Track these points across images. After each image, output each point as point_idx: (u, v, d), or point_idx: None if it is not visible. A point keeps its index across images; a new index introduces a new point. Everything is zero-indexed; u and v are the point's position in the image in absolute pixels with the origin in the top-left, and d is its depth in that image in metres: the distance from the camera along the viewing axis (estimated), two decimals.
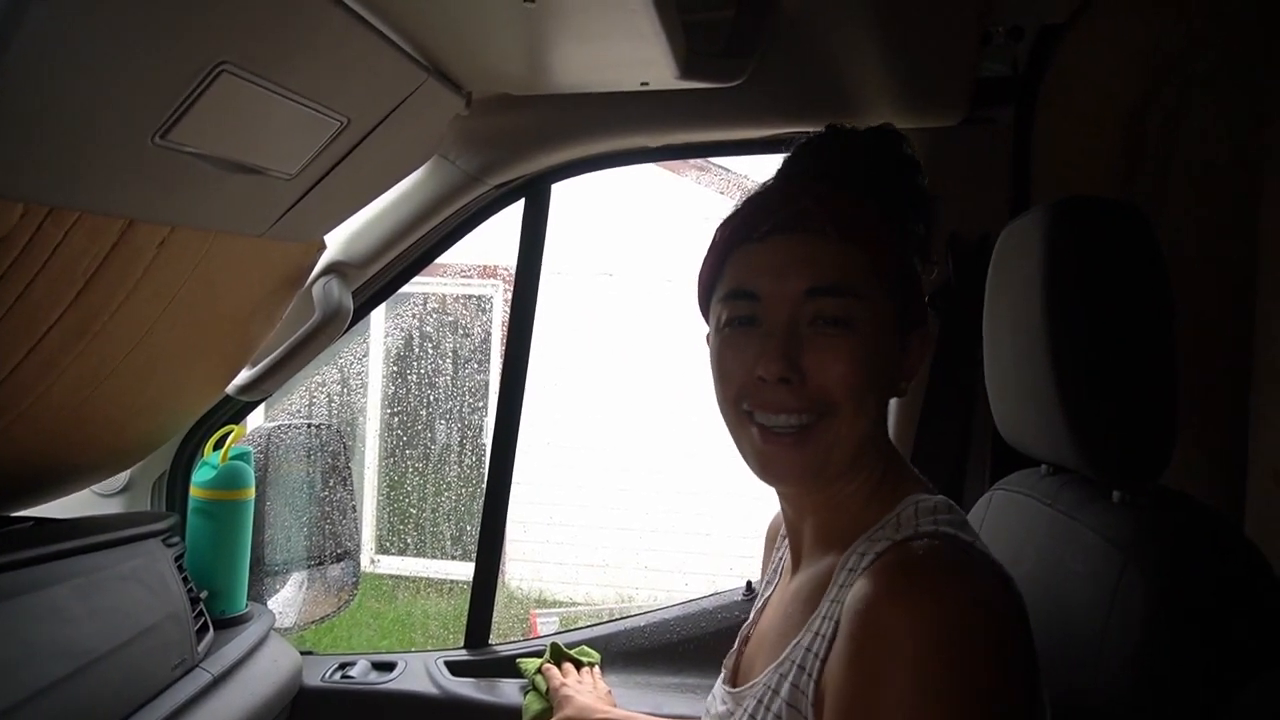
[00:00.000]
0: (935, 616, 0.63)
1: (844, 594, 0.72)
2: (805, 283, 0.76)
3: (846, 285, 0.75)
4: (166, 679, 1.16)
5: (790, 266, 0.77)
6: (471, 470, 5.22)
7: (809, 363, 0.75)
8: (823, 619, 0.75)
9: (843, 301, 0.75)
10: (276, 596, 1.66)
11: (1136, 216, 0.83)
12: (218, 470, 1.46)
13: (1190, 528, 0.80)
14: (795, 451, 0.76)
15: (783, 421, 0.76)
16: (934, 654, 0.61)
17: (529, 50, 1.06)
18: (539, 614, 4.94)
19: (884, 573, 0.68)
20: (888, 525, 0.76)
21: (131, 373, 1.12)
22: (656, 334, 5.20)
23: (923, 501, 0.77)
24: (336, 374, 5.14)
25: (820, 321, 0.76)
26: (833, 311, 0.75)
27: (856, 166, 0.83)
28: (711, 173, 5.17)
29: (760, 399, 0.77)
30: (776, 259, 0.77)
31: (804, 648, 0.75)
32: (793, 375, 0.75)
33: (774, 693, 0.77)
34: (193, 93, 0.75)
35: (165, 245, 0.97)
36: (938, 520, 0.74)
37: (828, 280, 0.75)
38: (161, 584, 1.22)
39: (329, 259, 1.43)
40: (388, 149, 1.11)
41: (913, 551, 0.70)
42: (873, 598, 0.66)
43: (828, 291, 0.75)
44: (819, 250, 0.76)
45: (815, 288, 0.75)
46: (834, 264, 0.76)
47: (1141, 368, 0.82)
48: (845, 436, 0.76)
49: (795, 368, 0.75)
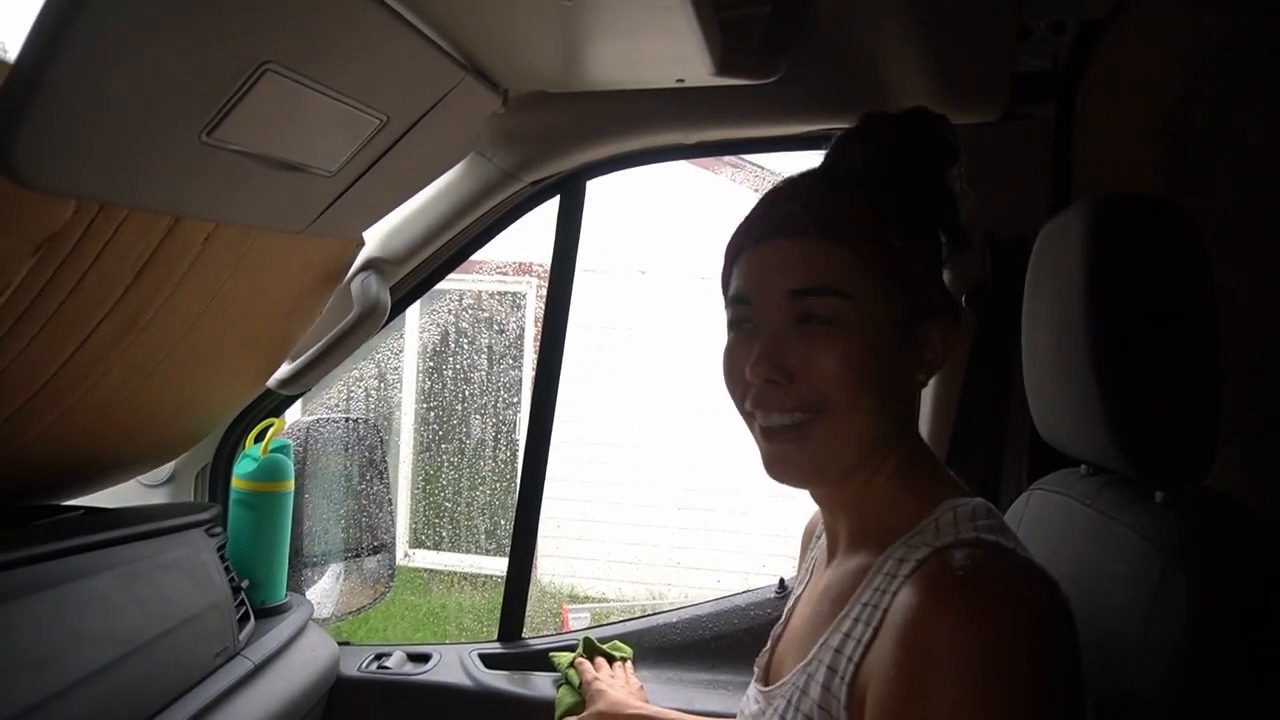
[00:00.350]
0: (981, 628, 0.63)
1: (881, 599, 0.72)
2: (789, 284, 0.77)
3: (830, 286, 0.76)
4: (209, 666, 1.19)
5: (775, 270, 0.78)
6: (505, 466, 5.26)
7: (797, 362, 0.76)
8: (854, 620, 0.74)
9: (826, 301, 0.76)
10: (314, 587, 1.68)
11: (1181, 213, 0.82)
12: (258, 462, 1.49)
13: (1234, 529, 0.78)
14: (795, 448, 0.78)
15: (776, 421, 0.78)
16: (980, 666, 0.61)
17: (565, 48, 1.07)
18: (571, 609, 4.97)
19: (928, 582, 0.68)
20: (926, 530, 0.75)
21: (176, 367, 1.15)
22: (690, 331, 5.20)
23: (961, 506, 0.76)
24: (373, 369, 5.20)
25: (807, 321, 0.77)
26: (817, 310, 0.76)
27: (857, 161, 0.83)
28: (746, 170, 5.15)
29: (756, 399, 0.79)
30: (765, 263, 0.79)
31: (832, 648, 0.75)
32: (779, 376, 0.77)
33: (802, 692, 0.76)
34: (238, 91, 0.77)
35: (209, 241, 0.99)
36: (978, 526, 0.73)
37: (810, 282, 0.76)
38: (204, 573, 1.25)
39: (367, 255, 1.45)
40: (425, 146, 1.13)
41: (956, 560, 0.69)
42: (918, 609, 0.66)
43: (810, 292, 0.76)
44: (802, 252, 0.77)
45: (798, 289, 0.77)
46: (817, 265, 0.77)
47: (1184, 367, 0.81)
48: (843, 432, 0.77)
49: (780, 369, 0.77)
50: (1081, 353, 0.84)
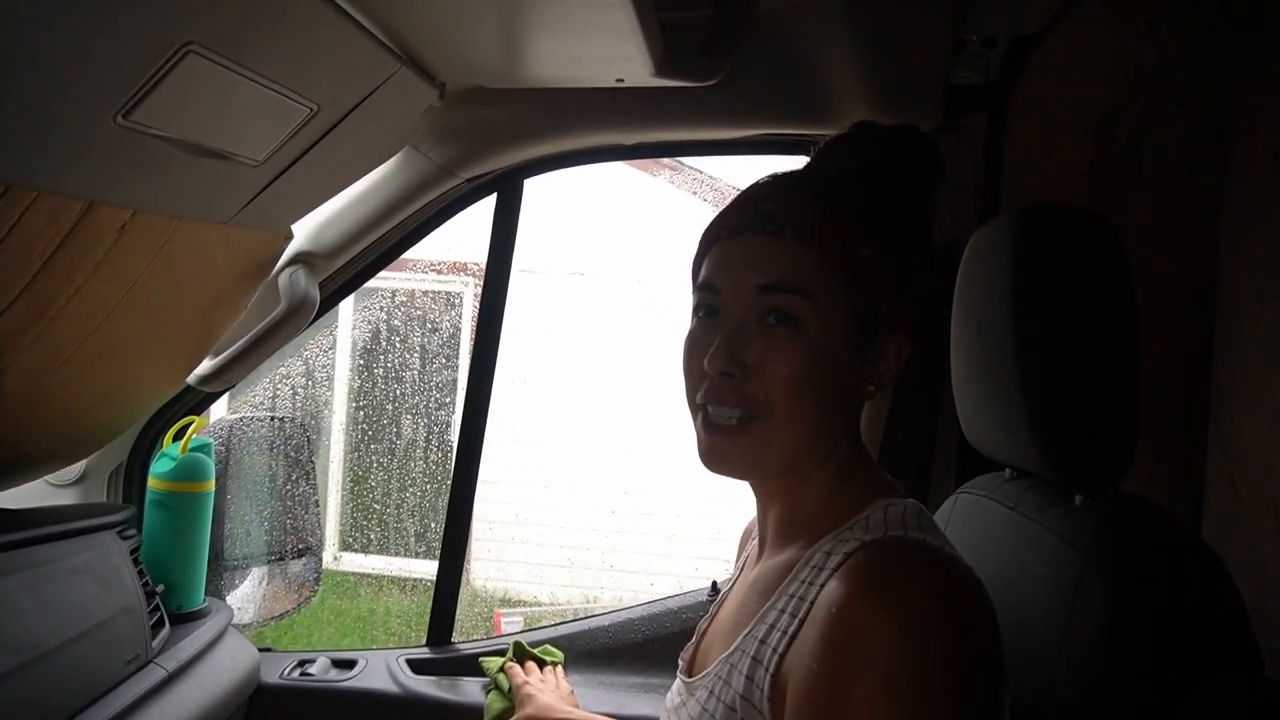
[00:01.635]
0: (903, 622, 0.64)
1: (807, 590, 0.73)
2: (758, 278, 0.78)
3: (797, 284, 0.77)
4: (119, 675, 1.13)
5: (746, 263, 0.79)
6: (437, 467, 5.18)
7: (754, 359, 0.77)
8: (779, 612, 0.75)
9: (791, 299, 0.77)
10: (236, 592, 1.63)
11: (1104, 224, 0.84)
12: (177, 462, 1.43)
13: (1149, 533, 0.81)
14: (731, 443, 0.79)
15: (724, 413, 0.79)
16: (901, 659, 0.62)
17: (504, 43, 1.05)
18: (503, 613, 4.92)
19: (853, 575, 0.69)
20: (856, 526, 0.76)
21: (88, 360, 1.10)
22: (626, 334, 5.19)
23: (892, 506, 0.77)
24: (303, 367, 5.07)
25: (769, 318, 0.78)
26: (782, 306, 0.77)
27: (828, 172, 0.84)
28: (684, 173, 5.17)
29: (707, 389, 0.80)
30: (736, 256, 0.81)
31: (757, 638, 0.75)
32: (735, 369, 0.77)
33: (725, 682, 0.77)
34: (157, 72, 0.73)
35: (126, 229, 0.94)
36: (907, 525, 0.74)
37: (777, 278, 0.78)
38: (115, 577, 1.19)
39: (296, 249, 1.40)
40: (358, 138, 1.10)
41: (882, 554, 0.71)
42: (842, 601, 0.66)
43: (776, 288, 0.77)
44: (775, 249, 0.79)
45: (766, 284, 0.78)
46: (786, 263, 0.78)
47: (1105, 374, 0.83)
48: (780, 438, 0.78)
49: (738, 363, 0.77)
50: (1006, 359, 0.86)
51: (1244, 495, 1.29)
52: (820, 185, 0.83)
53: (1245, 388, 1.31)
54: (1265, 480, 1.23)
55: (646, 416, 5.00)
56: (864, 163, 0.84)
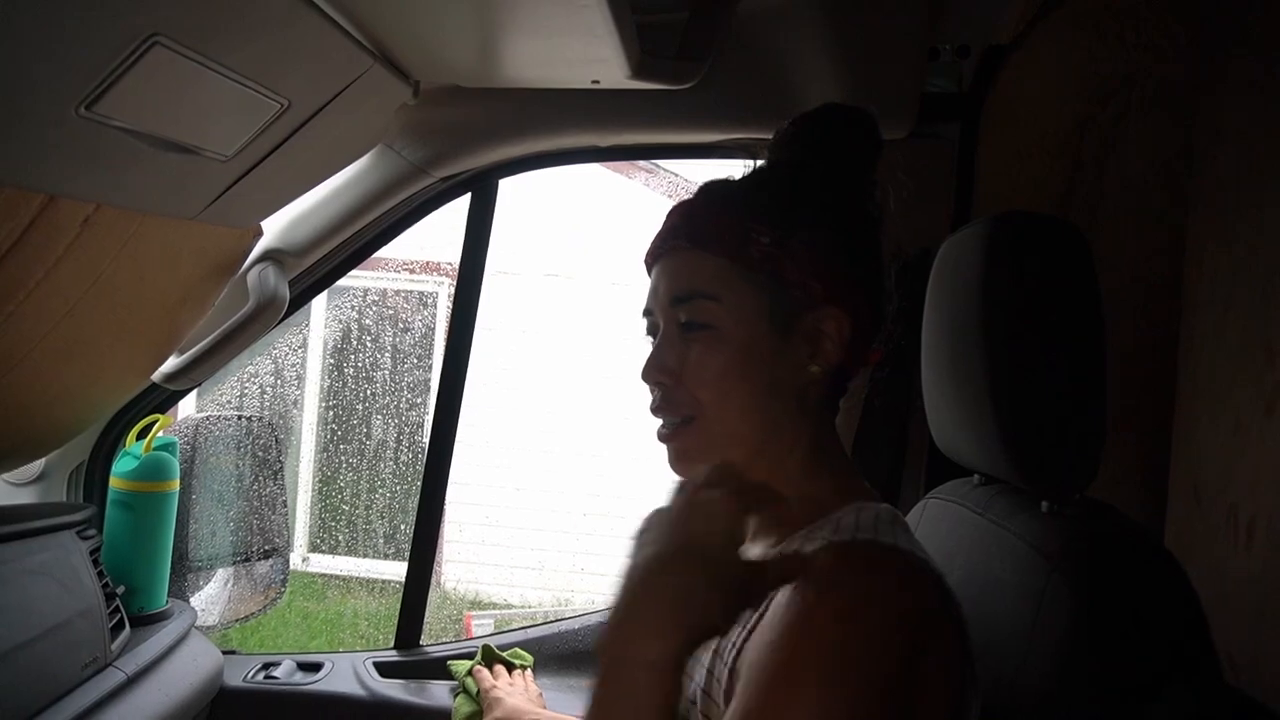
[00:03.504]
0: (860, 618, 0.63)
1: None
2: (669, 294, 0.83)
3: (697, 289, 0.81)
4: (76, 678, 1.11)
5: (660, 284, 0.85)
6: (408, 468, 5.14)
7: (677, 365, 0.82)
8: None
9: (697, 306, 0.81)
10: (200, 593, 1.60)
11: (1073, 234, 0.85)
12: (140, 461, 1.41)
13: (1113, 539, 0.82)
14: (678, 443, 0.83)
15: (665, 421, 0.83)
16: (854, 655, 0.62)
17: (479, 41, 1.04)
18: (474, 616, 4.89)
19: (816, 571, 0.68)
20: (826, 526, 0.76)
21: (49, 356, 1.07)
22: (600, 336, 5.19)
23: (866, 509, 0.77)
24: (271, 365, 5.01)
25: (688, 327, 0.82)
26: (693, 316, 0.81)
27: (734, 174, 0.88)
28: (660, 176, 5.17)
29: (652, 404, 0.84)
30: (656, 277, 0.86)
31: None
32: (665, 378, 0.82)
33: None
34: (122, 64, 0.72)
35: (89, 224, 0.92)
36: (879, 529, 0.74)
37: (682, 290, 0.82)
38: (74, 578, 1.17)
39: (265, 246, 1.38)
40: (330, 135, 1.09)
41: (847, 556, 0.70)
42: (801, 595, 0.66)
43: (682, 299, 0.82)
44: (679, 263, 0.83)
45: (675, 298, 0.82)
46: (689, 273, 0.82)
47: (1072, 382, 0.84)
48: (717, 432, 0.81)
49: (667, 370, 0.82)
50: (976, 366, 0.86)
51: (1205, 502, 1.31)
52: (711, 189, 0.87)
53: (1207, 397, 1.33)
54: (1225, 488, 1.26)
55: (618, 419, 5.00)
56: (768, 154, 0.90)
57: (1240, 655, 1.17)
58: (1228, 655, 1.17)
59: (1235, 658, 1.17)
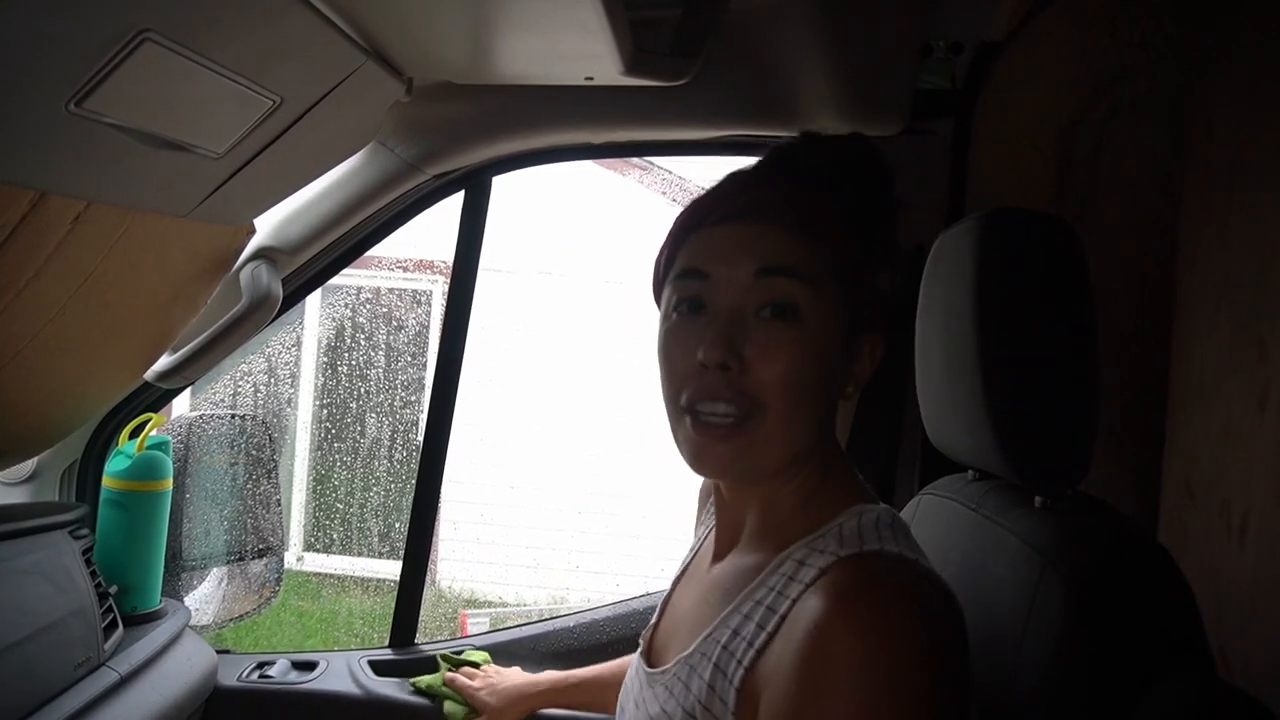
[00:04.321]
0: (882, 642, 0.63)
1: (777, 601, 0.72)
2: (755, 263, 0.75)
3: (797, 269, 0.75)
4: (69, 678, 1.11)
5: (741, 248, 0.76)
6: (402, 466, 5.13)
7: (751, 352, 0.74)
8: (744, 618, 0.74)
9: (791, 284, 0.74)
10: (194, 593, 1.60)
11: (1066, 229, 0.85)
12: (133, 460, 1.40)
13: (1106, 534, 0.82)
14: (724, 445, 0.75)
15: (719, 410, 0.74)
16: (880, 681, 0.62)
17: (472, 38, 1.04)
18: (469, 614, 4.88)
19: (831, 594, 0.68)
20: (829, 536, 0.75)
21: (40, 355, 1.07)
22: (595, 334, 5.18)
23: (866, 513, 0.76)
24: (265, 364, 4.99)
25: (767, 310, 0.75)
26: (781, 294, 0.74)
27: (821, 166, 0.83)
28: (653, 173, 5.17)
29: (698, 386, 0.75)
30: (728, 242, 0.77)
31: (718, 643, 0.75)
32: (732, 361, 0.73)
33: (684, 685, 0.76)
34: (112, 60, 0.71)
35: (80, 221, 0.92)
36: (882, 536, 0.73)
37: (778, 261, 0.75)
38: (66, 578, 1.16)
39: (258, 243, 1.38)
40: (323, 132, 1.08)
41: (860, 572, 0.70)
42: (821, 622, 0.65)
43: (777, 271, 0.74)
44: (771, 235, 0.76)
45: (765, 268, 0.75)
46: (786, 249, 0.75)
47: (1065, 378, 0.84)
48: (775, 437, 0.75)
49: (736, 354, 0.74)
50: (969, 361, 0.86)
51: (1198, 497, 1.31)
52: (810, 178, 0.81)
53: (1200, 392, 1.33)
54: (1218, 483, 1.26)
55: (613, 417, 5.00)
56: (843, 165, 0.83)
57: (1232, 649, 1.18)
58: (1220, 649, 1.18)
59: (1227, 652, 1.18)
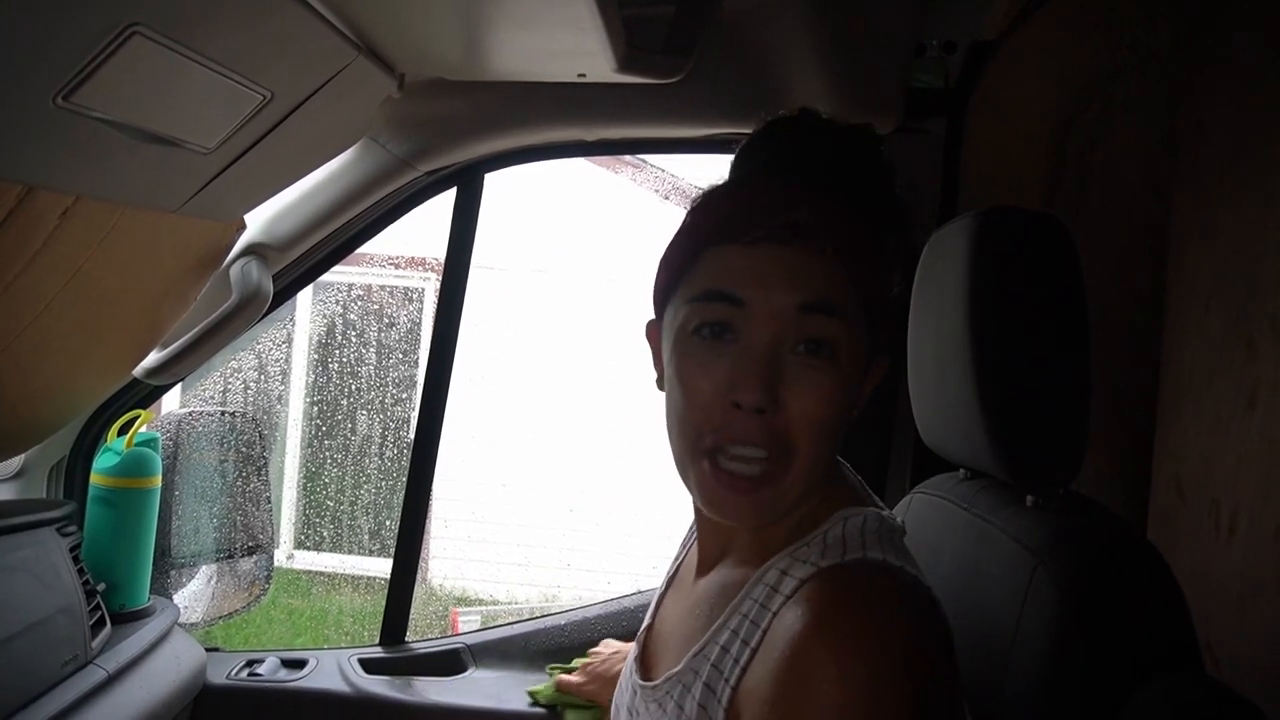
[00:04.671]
0: (860, 656, 0.61)
1: (761, 615, 0.70)
2: (798, 296, 0.70)
3: (838, 305, 0.70)
4: (55, 676, 1.10)
5: (783, 278, 0.70)
6: (393, 464, 5.11)
7: (787, 393, 0.70)
8: (731, 633, 0.72)
9: (832, 322, 0.70)
10: (183, 590, 1.59)
11: (1059, 228, 0.86)
12: (122, 457, 1.39)
13: (1097, 532, 0.82)
14: (747, 499, 0.71)
15: (747, 454, 0.70)
16: (856, 693, 0.60)
17: (464, 33, 1.04)
18: (460, 612, 4.87)
19: (808, 606, 0.66)
20: (813, 544, 0.72)
21: (27, 351, 1.06)
22: (587, 333, 5.18)
23: (852, 517, 0.74)
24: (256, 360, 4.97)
25: (805, 347, 0.70)
26: (822, 333, 0.70)
27: (846, 172, 0.77)
28: (646, 171, 5.17)
29: (729, 428, 0.70)
30: (767, 267, 0.71)
31: (708, 659, 0.73)
32: (770, 406, 0.69)
33: (676, 705, 0.75)
34: (101, 53, 0.71)
35: (68, 215, 0.91)
36: (866, 542, 0.71)
37: (822, 297, 0.70)
38: (54, 575, 1.15)
39: (249, 239, 1.37)
40: (314, 128, 1.07)
41: (838, 583, 0.68)
42: (797, 634, 0.64)
43: (821, 309, 0.70)
44: (816, 266, 0.70)
45: (809, 303, 0.70)
46: (829, 282, 0.70)
47: (1057, 377, 0.84)
48: (799, 482, 0.72)
49: (775, 398, 0.69)
50: (962, 360, 0.86)
51: (1187, 496, 1.32)
52: (849, 194, 0.74)
53: (1190, 392, 1.34)
54: (1207, 482, 1.27)
55: (605, 415, 4.99)
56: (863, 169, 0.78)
57: (1220, 646, 1.18)
58: (1208, 647, 1.18)
59: (1215, 649, 1.19)
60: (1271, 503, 1.13)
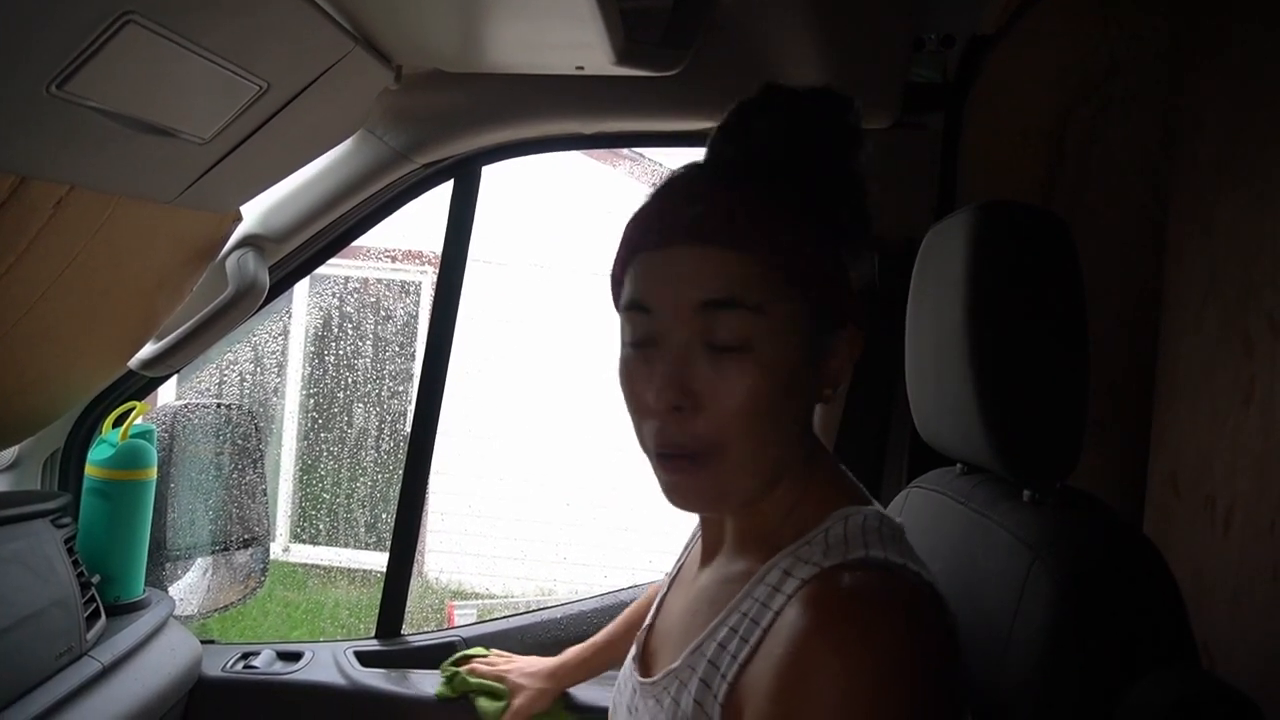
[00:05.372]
0: (863, 656, 0.61)
1: (761, 613, 0.70)
2: (698, 294, 0.70)
3: (741, 299, 0.69)
4: (50, 668, 1.09)
5: (683, 279, 0.71)
6: (390, 457, 5.11)
7: (704, 389, 0.70)
8: (730, 630, 0.72)
9: (738, 316, 0.69)
10: (178, 583, 1.59)
11: (1057, 223, 0.85)
12: (117, 448, 1.39)
13: (1094, 528, 0.82)
14: (693, 477, 0.73)
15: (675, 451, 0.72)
16: (859, 693, 0.60)
17: (462, 25, 1.03)
18: (456, 605, 4.87)
19: (811, 609, 0.65)
20: (815, 543, 0.72)
21: (21, 342, 1.05)
22: (584, 327, 5.17)
23: (853, 516, 0.74)
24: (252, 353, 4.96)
25: (715, 341, 0.70)
26: (728, 331, 0.70)
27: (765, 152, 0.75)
28: (644, 164, 5.16)
29: (655, 428, 0.73)
30: (670, 270, 0.72)
31: (705, 656, 0.73)
32: (684, 401, 0.70)
33: (674, 700, 0.75)
34: (94, 42, 0.70)
35: (62, 206, 0.91)
36: (868, 541, 0.71)
37: (723, 293, 0.69)
38: (48, 567, 1.15)
39: (245, 231, 1.37)
40: (311, 119, 1.07)
41: (842, 585, 0.67)
42: (800, 633, 0.64)
43: (722, 304, 0.70)
44: (714, 260, 0.70)
45: (709, 301, 0.70)
46: (728, 275, 0.70)
47: (1055, 371, 0.84)
48: (742, 471, 0.73)
49: (687, 393, 0.70)
50: (960, 354, 0.86)
51: (1183, 492, 1.32)
52: (748, 177, 0.74)
53: (1186, 387, 1.34)
54: (1203, 477, 1.27)
55: (602, 409, 4.99)
56: (790, 136, 0.75)
57: (1216, 642, 1.19)
58: (1204, 642, 1.19)
59: (1211, 644, 1.19)
60: (1267, 498, 1.13)
